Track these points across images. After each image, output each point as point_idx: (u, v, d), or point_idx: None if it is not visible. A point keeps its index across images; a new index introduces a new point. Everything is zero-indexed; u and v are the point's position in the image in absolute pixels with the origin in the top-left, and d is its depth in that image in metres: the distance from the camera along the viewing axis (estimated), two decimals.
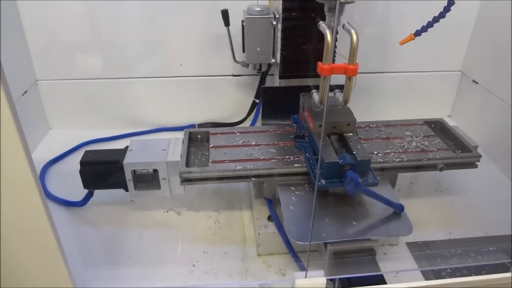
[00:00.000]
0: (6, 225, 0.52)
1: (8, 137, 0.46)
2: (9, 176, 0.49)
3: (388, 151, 0.91)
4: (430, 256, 0.86)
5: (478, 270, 0.82)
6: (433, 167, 0.89)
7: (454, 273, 0.82)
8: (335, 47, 0.97)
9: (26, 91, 1.15)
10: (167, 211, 0.98)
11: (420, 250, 0.87)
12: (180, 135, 0.97)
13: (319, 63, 0.70)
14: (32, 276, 0.59)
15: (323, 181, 0.78)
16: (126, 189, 0.90)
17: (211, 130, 0.98)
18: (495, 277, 0.57)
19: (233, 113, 1.30)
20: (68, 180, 1.03)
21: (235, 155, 0.88)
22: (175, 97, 1.27)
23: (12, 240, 0.54)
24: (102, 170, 0.88)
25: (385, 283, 0.68)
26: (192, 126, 1.28)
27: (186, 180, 0.85)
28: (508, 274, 0.57)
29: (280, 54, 0.97)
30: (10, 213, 0.52)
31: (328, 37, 0.67)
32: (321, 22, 0.73)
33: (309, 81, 1.01)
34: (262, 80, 1.17)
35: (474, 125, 1.24)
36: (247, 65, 1.09)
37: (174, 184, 0.89)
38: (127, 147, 0.92)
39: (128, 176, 0.87)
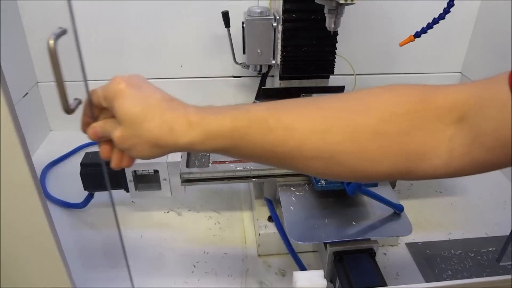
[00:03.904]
0: (5, 227, 0.52)
1: (8, 139, 0.47)
2: (8, 178, 0.49)
3: None
4: (430, 256, 0.86)
5: (479, 272, 0.83)
6: None
7: (455, 275, 0.82)
8: (335, 48, 0.97)
9: (27, 93, 1.15)
10: (167, 212, 0.98)
11: (420, 250, 0.88)
12: None
13: None
14: (32, 278, 0.59)
15: (323, 182, 0.79)
16: (127, 190, 0.90)
17: None
18: (496, 279, 0.57)
19: None
20: (69, 182, 1.03)
21: None
22: None
23: (11, 242, 0.54)
24: (103, 171, 0.88)
25: (385, 284, 0.68)
26: None
27: (186, 181, 0.85)
28: (508, 277, 0.57)
29: (281, 55, 0.97)
30: (10, 215, 0.52)
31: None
32: None
33: (310, 82, 1.02)
34: (263, 82, 1.17)
35: None
36: (247, 67, 1.09)
37: (175, 184, 0.89)
38: None
39: (129, 177, 0.88)
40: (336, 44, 0.97)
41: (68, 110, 0.50)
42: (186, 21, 1.16)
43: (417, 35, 0.87)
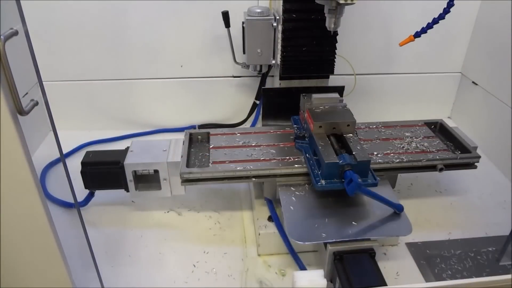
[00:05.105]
0: (6, 226, 0.53)
1: (8, 139, 0.47)
2: (9, 178, 0.49)
3: (388, 152, 0.91)
4: (430, 256, 0.86)
5: (479, 272, 0.83)
6: (432, 168, 0.89)
7: (455, 275, 0.82)
8: (335, 48, 0.97)
9: (26, 93, 1.15)
10: (167, 212, 0.98)
11: (420, 250, 0.88)
12: (180, 136, 0.97)
13: None
14: (32, 277, 0.59)
15: (323, 182, 0.79)
16: (127, 190, 0.90)
17: (212, 131, 0.98)
18: (496, 279, 0.57)
19: (233, 114, 1.30)
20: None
21: (236, 155, 0.89)
22: (175, 98, 1.27)
23: (12, 241, 0.55)
24: (103, 170, 0.88)
25: (385, 284, 0.68)
26: (193, 127, 1.28)
27: (186, 181, 0.85)
28: (508, 276, 0.57)
29: (281, 55, 0.97)
30: (10, 214, 0.52)
31: None
32: None
33: (310, 82, 1.02)
34: (263, 81, 1.18)
35: (474, 126, 1.24)
36: (247, 67, 1.09)
37: (175, 184, 0.90)
38: (128, 148, 0.92)
39: (129, 176, 0.88)
40: (336, 44, 0.97)
41: (21, 111, 0.48)
42: (186, 22, 1.16)
43: (417, 35, 0.87)
